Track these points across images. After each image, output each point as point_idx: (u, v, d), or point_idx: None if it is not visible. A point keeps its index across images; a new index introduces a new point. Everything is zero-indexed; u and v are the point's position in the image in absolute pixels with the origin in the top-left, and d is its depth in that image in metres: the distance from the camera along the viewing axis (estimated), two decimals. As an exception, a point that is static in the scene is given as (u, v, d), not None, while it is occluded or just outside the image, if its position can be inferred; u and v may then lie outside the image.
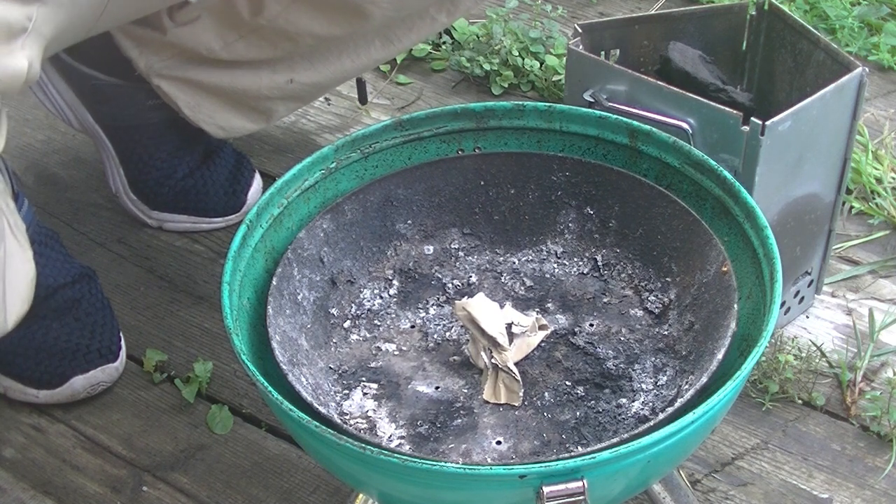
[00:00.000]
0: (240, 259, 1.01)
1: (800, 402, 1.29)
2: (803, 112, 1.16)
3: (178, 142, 1.47)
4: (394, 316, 1.06)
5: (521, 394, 0.97)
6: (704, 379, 0.91)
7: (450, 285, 1.08)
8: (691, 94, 1.17)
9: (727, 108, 1.15)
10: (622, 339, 1.03)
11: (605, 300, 1.06)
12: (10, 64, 0.96)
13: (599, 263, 1.09)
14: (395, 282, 1.08)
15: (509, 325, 0.99)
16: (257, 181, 1.52)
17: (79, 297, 1.31)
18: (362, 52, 1.36)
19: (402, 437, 0.95)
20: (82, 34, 1.12)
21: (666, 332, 1.03)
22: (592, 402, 0.98)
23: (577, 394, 0.98)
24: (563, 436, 0.95)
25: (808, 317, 1.37)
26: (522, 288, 1.08)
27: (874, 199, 1.50)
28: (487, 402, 0.98)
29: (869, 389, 1.29)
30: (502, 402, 0.97)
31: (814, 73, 1.25)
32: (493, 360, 0.98)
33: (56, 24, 1.01)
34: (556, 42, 1.73)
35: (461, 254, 1.11)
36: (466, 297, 1.06)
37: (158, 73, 1.37)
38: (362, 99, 1.51)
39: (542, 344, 1.02)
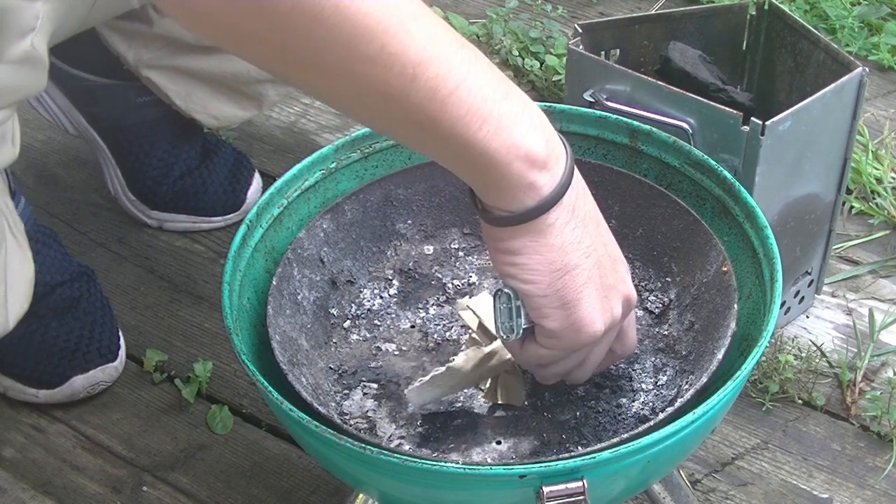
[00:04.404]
0: (240, 259, 1.01)
1: (800, 402, 1.29)
2: (803, 112, 1.16)
3: (173, 139, 1.47)
4: (394, 316, 1.06)
5: (523, 394, 0.97)
6: (704, 379, 0.91)
7: (450, 285, 1.08)
8: (691, 94, 1.17)
9: (727, 108, 1.15)
10: (622, 339, 1.03)
11: (605, 300, 1.06)
12: (33, 71, 0.97)
13: (599, 263, 1.08)
14: (395, 282, 1.08)
15: None
16: (257, 180, 1.52)
17: (78, 296, 1.31)
18: None
19: (402, 437, 0.95)
20: (74, 29, 1.13)
21: (666, 332, 1.03)
22: (592, 401, 0.98)
23: (577, 394, 0.98)
24: (563, 436, 0.95)
25: (808, 317, 1.37)
26: (522, 288, 1.08)
27: (874, 199, 1.50)
28: (488, 402, 0.98)
29: (869, 389, 1.29)
30: (502, 402, 0.97)
31: (814, 73, 1.25)
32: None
33: (57, 20, 1.01)
34: (556, 42, 1.73)
35: (461, 254, 1.11)
36: (468, 296, 1.06)
37: (147, 65, 1.37)
38: None
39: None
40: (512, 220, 0.84)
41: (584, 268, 0.86)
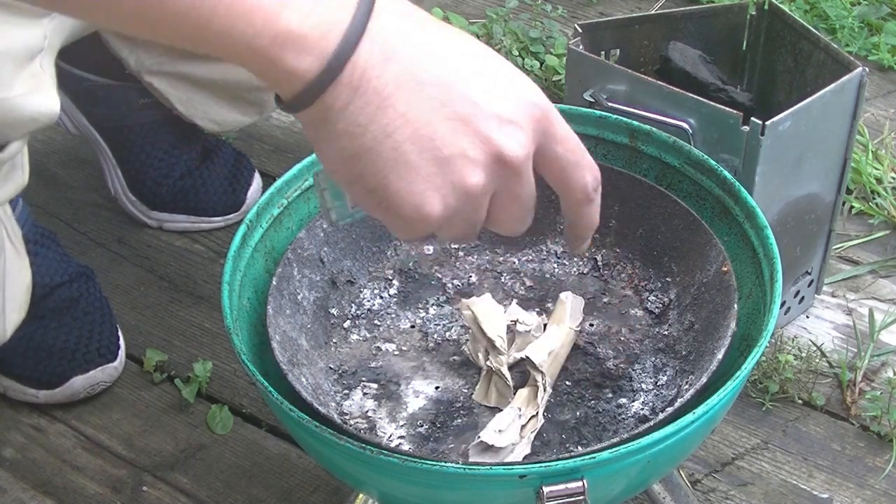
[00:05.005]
0: (240, 259, 1.01)
1: (800, 402, 1.29)
2: (803, 112, 1.16)
3: (174, 140, 1.48)
4: (394, 316, 1.06)
5: (510, 399, 0.97)
6: (704, 379, 0.91)
7: (450, 285, 1.08)
8: (691, 94, 1.17)
9: (727, 108, 1.15)
10: (622, 338, 1.03)
11: (605, 300, 1.06)
12: (46, 100, 0.97)
13: (599, 263, 1.09)
14: (395, 282, 1.08)
15: (514, 323, 0.99)
16: (257, 180, 1.52)
17: (77, 297, 1.31)
18: None
19: (402, 437, 0.95)
20: (76, 37, 1.13)
21: (666, 332, 1.03)
22: (592, 402, 0.98)
23: (577, 394, 0.98)
24: (563, 436, 0.95)
25: (808, 317, 1.37)
26: (522, 288, 1.08)
27: (874, 199, 1.50)
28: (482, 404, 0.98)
29: (869, 389, 1.29)
30: (492, 405, 0.97)
31: (814, 73, 1.25)
32: (488, 363, 0.98)
33: (63, 34, 1.01)
34: (556, 42, 1.73)
35: (461, 254, 1.11)
36: (474, 296, 1.06)
37: (149, 70, 1.37)
38: None
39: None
40: (289, 108, 0.72)
41: (385, 149, 0.72)
